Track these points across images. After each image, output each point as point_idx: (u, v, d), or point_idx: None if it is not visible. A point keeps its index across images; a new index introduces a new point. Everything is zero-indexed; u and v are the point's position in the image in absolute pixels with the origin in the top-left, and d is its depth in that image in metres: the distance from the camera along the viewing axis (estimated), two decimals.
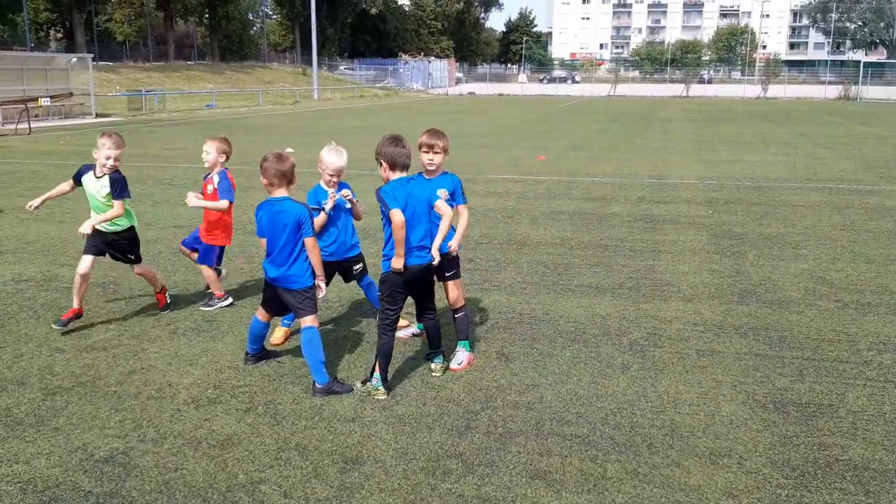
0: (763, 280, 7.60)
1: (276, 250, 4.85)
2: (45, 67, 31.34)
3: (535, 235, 9.61)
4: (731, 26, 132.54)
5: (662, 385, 5.03)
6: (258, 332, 5.24)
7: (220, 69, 62.89)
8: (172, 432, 4.33)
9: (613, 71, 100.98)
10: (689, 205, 11.85)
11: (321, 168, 5.53)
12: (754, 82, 75.25)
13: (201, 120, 32.71)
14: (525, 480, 3.87)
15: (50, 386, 4.94)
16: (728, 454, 4.14)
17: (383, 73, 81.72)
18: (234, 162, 19.04)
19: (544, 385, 5.03)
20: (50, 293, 7.00)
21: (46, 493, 3.72)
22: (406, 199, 4.74)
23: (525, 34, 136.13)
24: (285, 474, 3.90)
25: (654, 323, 6.29)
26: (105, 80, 43.43)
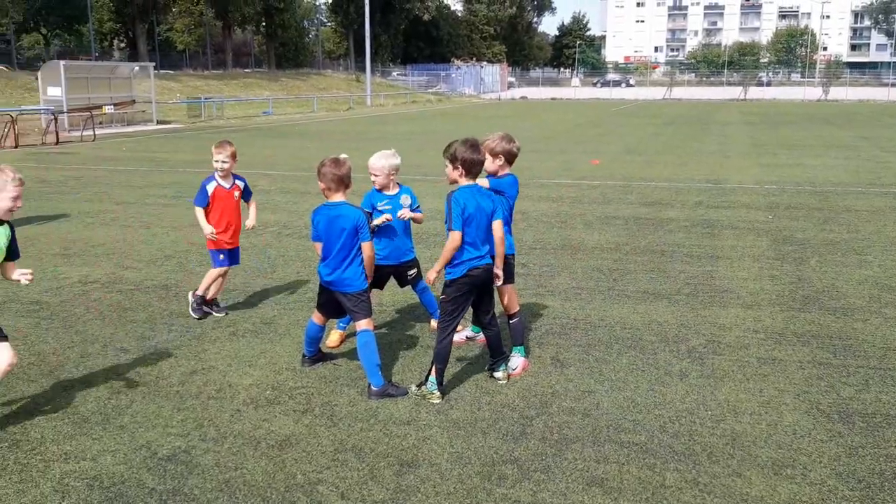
0: (826, 287, 7.40)
1: (332, 254, 4.91)
2: (108, 76, 32.29)
3: (589, 240, 9.53)
4: (791, 28, 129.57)
5: (722, 393, 4.94)
6: (314, 334, 5.31)
7: (276, 76, 64.01)
8: (232, 432, 4.41)
9: (668, 74, 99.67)
10: (749, 210, 11.61)
11: (371, 173, 5.60)
12: (814, 84, 73.42)
13: (258, 126, 33.32)
14: (582, 487, 3.83)
15: (115, 385, 5.08)
16: (791, 465, 4.04)
17: (435, 79, 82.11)
18: (289, 167, 19.44)
19: (600, 392, 4.98)
20: (115, 295, 7.20)
21: (112, 489, 3.82)
22: (475, 209, 4.75)
23: (578, 38, 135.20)
24: (342, 475, 3.94)
25: (713, 330, 6.17)
26: (166, 88, 44.59)
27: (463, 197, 4.74)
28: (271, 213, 11.51)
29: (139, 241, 9.55)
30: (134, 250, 9.00)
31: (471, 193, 4.78)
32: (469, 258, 4.77)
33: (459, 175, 4.84)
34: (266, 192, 13.74)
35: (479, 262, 4.81)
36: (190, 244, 9.26)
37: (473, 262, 4.78)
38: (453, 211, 4.70)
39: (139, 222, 10.79)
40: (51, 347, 5.79)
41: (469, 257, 4.77)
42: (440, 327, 4.91)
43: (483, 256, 4.82)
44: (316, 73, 72.91)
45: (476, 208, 4.75)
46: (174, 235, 9.84)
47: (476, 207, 4.75)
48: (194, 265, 8.30)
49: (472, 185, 4.83)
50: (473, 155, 4.81)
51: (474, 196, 4.78)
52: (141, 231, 10.16)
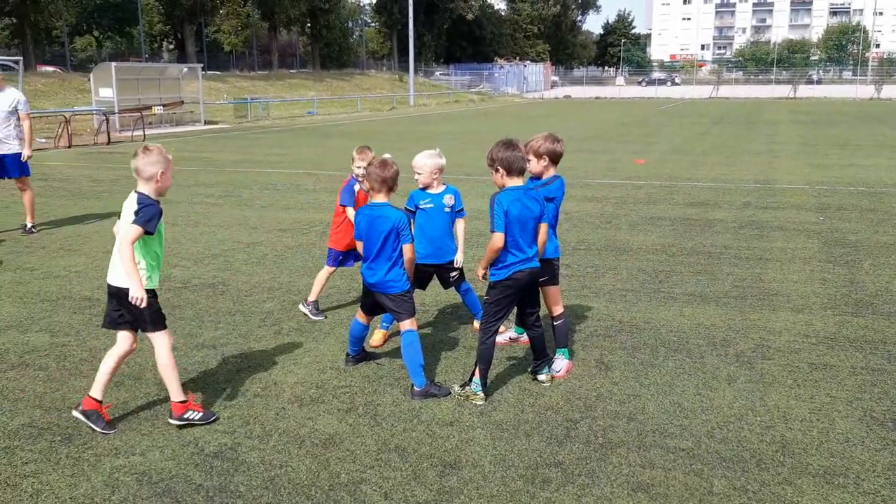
0: (880, 291, 7.20)
1: (373, 255, 4.92)
2: (158, 77, 32.91)
3: (634, 241, 9.42)
4: (842, 24, 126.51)
5: (772, 399, 4.83)
6: (358, 333, 5.34)
7: (321, 77, 64.59)
8: (277, 430, 4.45)
9: (715, 72, 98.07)
10: (799, 211, 11.36)
11: (415, 173, 5.62)
12: (867, 83, 71.55)
13: (302, 126, 33.66)
14: (627, 493, 3.78)
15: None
16: (844, 473, 3.93)
17: (478, 78, 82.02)
18: (333, 167, 19.57)
19: (646, 395, 4.91)
20: (163, 293, 7.27)
21: (160, 484, 3.89)
22: (520, 211, 4.71)
23: (623, 36, 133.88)
24: (385, 475, 3.95)
25: (763, 334, 6.04)
26: (213, 89, 45.31)
27: (507, 199, 4.70)
28: (315, 212, 11.62)
29: (187, 239, 9.71)
30: (182, 248, 9.15)
31: (516, 196, 4.74)
32: (514, 261, 4.74)
33: (502, 176, 4.80)
34: (311, 191, 13.88)
35: (525, 266, 4.77)
36: (237, 243, 9.39)
37: (519, 266, 4.75)
38: (496, 212, 4.67)
39: (187, 221, 10.97)
40: (102, 344, 5.90)
41: (514, 260, 4.74)
42: (482, 328, 4.89)
43: (529, 259, 4.78)
44: (360, 74, 73.39)
45: (520, 210, 4.71)
46: (221, 234, 9.99)
47: (520, 210, 4.71)
48: (241, 263, 8.41)
49: (518, 188, 4.78)
50: (507, 152, 4.75)
51: (519, 199, 4.73)
52: (189, 230, 10.32)
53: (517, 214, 4.69)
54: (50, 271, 8.10)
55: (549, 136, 5.39)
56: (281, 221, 10.83)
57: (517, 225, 4.71)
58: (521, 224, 4.72)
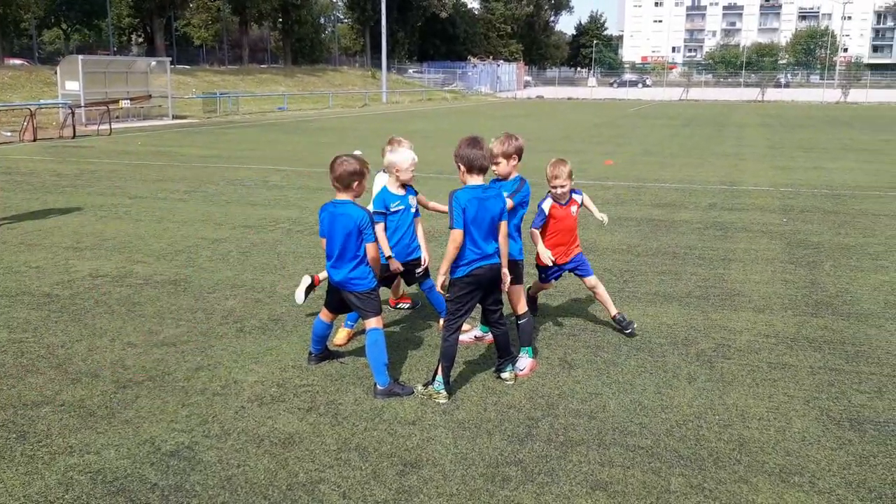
0: (840, 292, 7.31)
1: (337, 253, 4.89)
2: (126, 71, 32.47)
3: (601, 241, 9.46)
4: (811, 28, 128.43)
5: (731, 398, 4.88)
6: (321, 332, 5.29)
7: (292, 72, 64.12)
8: (236, 429, 4.40)
9: (686, 74, 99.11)
10: (763, 212, 11.51)
11: (394, 171, 5.57)
12: (834, 86, 72.74)
13: (272, 122, 33.41)
14: (585, 491, 3.79)
15: (121, 379, 5.08)
16: (800, 472, 3.98)
17: (451, 77, 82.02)
18: (303, 163, 19.43)
19: (607, 394, 4.93)
20: (125, 289, 7.22)
21: (115, 483, 3.82)
22: (477, 210, 4.70)
23: (595, 37, 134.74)
24: (345, 475, 3.92)
25: (724, 333, 6.11)
26: (182, 83, 44.76)
27: (464, 197, 4.69)
28: (283, 208, 11.53)
29: (151, 235, 9.57)
30: (145, 244, 9.03)
31: (474, 194, 4.73)
32: (474, 258, 4.73)
33: (462, 174, 4.82)
34: (279, 187, 13.77)
35: (484, 262, 4.76)
36: (201, 239, 9.29)
37: (478, 262, 4.74)
38: (454, 209, 4.66)
39: (151, 217, 10.82)
40: (59, 340, 5.81)
41: (474, 257, 4.73)
42: (445, 326, 4.87)
43: (489, 256, 4.78)
44: (332, 70, 72.95)
45: (478, 209, 4.71)
46: (185, 230, 9.86)
47: (478, 208, 4.71)
48: (204, 260, 8.31)
49: (477, 186, 4.77)
50: (469, 150, 4.76)
51: (477, 197, 4.72)
52: (153, 225, 10.18)
53: (474, 213, 4.68)
54: (10, 266, 7.94)
55: (508, 135, 5.37)
56: (247, 218, 10.73)
57: (476, 222, 4.70)
58: (479, 221, 4.71)
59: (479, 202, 4.71)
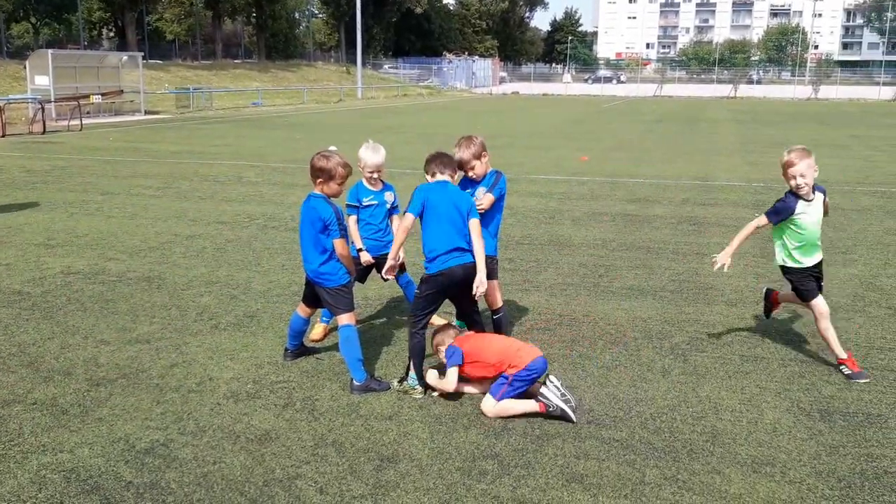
0: None
1: (307, 246, 4.89)
2: (97, 65, 32.04)
3: (576, 236, 9.52)
4: (782, 26, 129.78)
5: (704, 390, 4.94)
6: (298, 327, 5.28)
7: (267, 67, 63.68)
8: (212, 426, 4.38)
9: (660, 71, 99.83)
10: (735, 207, 11.64)
11: (360, 166, 5.56)
12: (805, 83, 73.62)
13: (247, 117, 33.16)
14: (561, 483, 3.82)
15: (95, 377, 5.04)
16: (771, 463, 4.04)
17: (427, 72, 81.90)
18: (277, 159, 19.28)
19: (583, 387, 4.97)
20: (97, 286, 7.14)
21: (89, 482, 3.79)
22: (440, 201, 4.74)
23: (570, 33, 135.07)
24: (322, 470, 3.92)
25: (697, 327, 6.18)
26: (154, 78, 44.29)
27: (428, 188, 4.85)
28: (258, 205, 11.46)
29: (123, 232, 9.48)
30: (118, 241, 8.93)
31: (439, 187, 4.85)
32: (445, 252, 4.72)
33: (432, 175, 4.98)
34: (253, 183, 13.68)
35: (459, 261, 4.75)
36: (175, 236, 9.21)
37: (454, 260, 4.73)
38: (414, 196, 4.79)
39: (124, 213, 10.71)
40: (31, 338, 5.74)
41: (445, 251, 4.72)
42: (411, 322, 4.87)
43: (464, 254, 4.78)
44: (307, 65, 72.50)
45: (443, 202, 4.75)
46: (159, 227, 9.77)
47: (443, 201, 4.75)
48: (178, 257, 8.25)
49: (445, 182, 4.90)
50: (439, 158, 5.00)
51: (443, 190, 4.82)
52: (125, 222, 10.08)
53: (438, 205, 4.74)
54: None
55: (467, 138, 5.38)
56: (221, 214, 10.65)
57: (444, 217, 4.71)
58: (447, 216, 4.72)
59: (446, 196, 4.80)
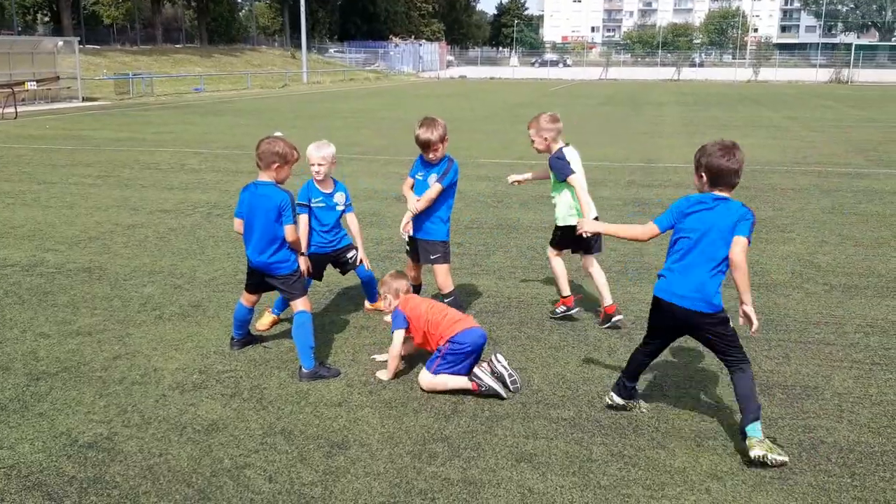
0: (750, 263, 7.56)
1: (256, 236, 4.82)
2: (31, 51, 31.01)
3: (524, 220, 9.59)
4: (723, 9, 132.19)
5: (649, 368, 5.02)
6: (242, 316, 5.21)
7: (209, 52, 62.36)
8: (157, 417, 4.31)
9: (605, 54, 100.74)
10: (679, 188, 11.84)
11: (308, 161, 5.54)
12: (745, 66, 75.16)
13: (189, 104, 32.47)
14: (511, 463, 3.86)
15: (34, 371, 4.90)
16: (713, 436, 4.15)
17: (373, 56, 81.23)
18: (221, 145, 18.95)
19: (531, 368, 5.03)
20: (35, 278, 6.94)
21: (30, 478, 3.69)
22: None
23: (516, 17, 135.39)
24: (270, 459, 3.89)
25: (642, 306, 6.27)
26: (92, 64, 43.04)
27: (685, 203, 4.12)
28: (201, 192, 11.26)
29: (62, 222, 9.22)
30: (56, 232, 8.69)
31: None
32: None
33: (703, 184, 4.12)
34: (196, 171, 13.43)
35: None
36: (116, 225, 8.99)
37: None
38: (668, 212, 4.18)
39: (62, 203, 10.41)
40: None
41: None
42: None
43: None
44: (250, 50, 71.19)
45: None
46: (99, 216, 9.53)
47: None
48: (119, 247, 8.06)
49: (723, 197, 4.10)
50: (720, 160, 4.10)
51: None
52: (64, 212, 9.80)
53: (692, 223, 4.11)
54: None
55: (430, 120, 5.39)
56: (164, 202, 10.43)
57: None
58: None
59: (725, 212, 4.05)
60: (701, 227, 3.99)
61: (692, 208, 4.04)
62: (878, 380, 4.89)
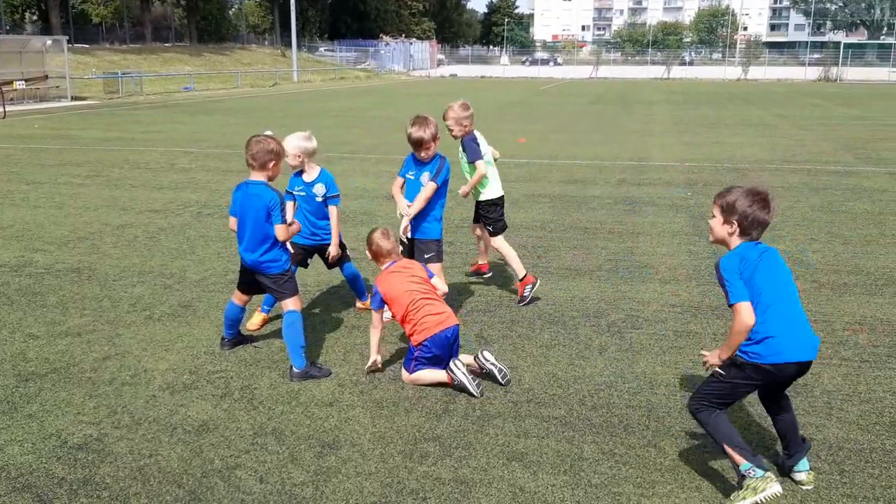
0: None
1: (248, 235, 4.81)
2: (19, 50, 30.83)
3: (515, 218, 9.58)
4: (713, 8, 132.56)
5: (640, 366, 5.05)
6: (234, 315, 5.20)
7: (198, 51, 62.13)
8: (147, 418, 4.29)
9: (595, 53, 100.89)
10: (669, 187, 11.88)
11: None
12: (735, 64, 75.41)
13: (179, 103, 32.35)
14: (502, 462, 3.87)
15: (23, 372, 4.88)
16: (704, 434, 4.14)
17: (364, 55, 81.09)
18: (211, 144, 18.88)
19: (522, 367, 5.03)
20: (24, 279, 6.91)
21: (19, 479, 3.67)
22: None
23: (507, 16, 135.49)
24: (261, 459, 3.88)
25: (632, 304, 6.30)
26: (81, 63, 42.81)
27: (737, 257, 3.77)
28: (192, 191, 11.22)
29: (50, 222, 9.17)
30: (45, 232, 8.65)
31: (748, 251, 3.86)
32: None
33: (730, 232, 3.76)
34: (186, 170, 13.38)
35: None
36: (105, 225, 8.95)
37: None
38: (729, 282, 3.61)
39: (51, 203, 10.36)
40: None
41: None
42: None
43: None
44: (240, 48, 70.96)
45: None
46: (88, 216, 9.48)
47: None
48: (109, 247, 8.02)
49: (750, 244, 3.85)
50: (754, 208, 3.71)
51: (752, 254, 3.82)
52: (53, 212, 9.75)
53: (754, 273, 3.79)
54: None
55: (423, 118, 5.40)
56: (153, 202, 10.39)
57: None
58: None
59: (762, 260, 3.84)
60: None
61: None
62: (866, 377, 4.92)
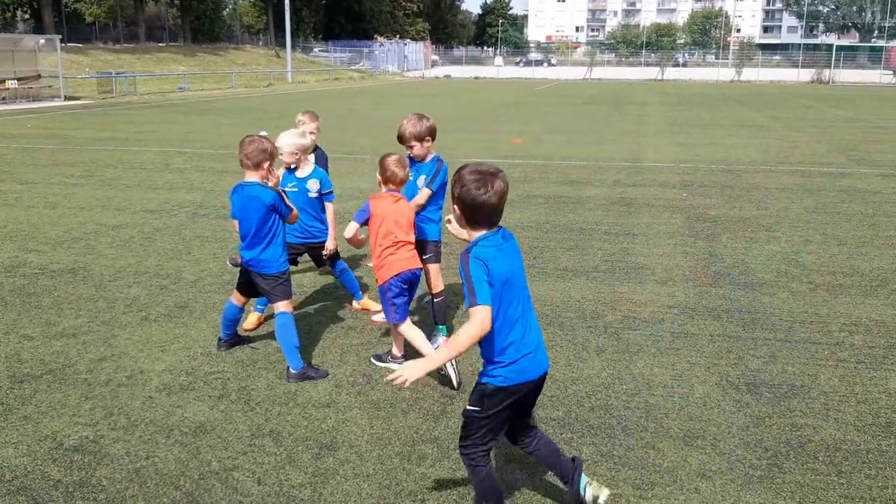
0: (736, 262, 7.65)
1: (250, 234, 4.80)
2: (11, 49, 30.70)
3: (510, 219, 9.58)
4: (706, 9, 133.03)
5: (637, 367, 5.05)
6: (232, 316, 5.18)
7: (192, 51, 62.00)
8: (144, 420, 4.27)
9: (589, 54, 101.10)
10: (664, 188, 11.90)
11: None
12: (728, 66, 75.62)
13: (172, 102, 32.27)
14: (499, 464, 3.86)
15: (18, 374, 4.85)
16: (702, 435, 4.16)
17: (358, 56, 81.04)
18: (205, 144, 18.88)
19: None
20: (18, 279, 6.87)
21: (14, 482, 3.65)
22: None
23: (501, 17, 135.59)
24: (259, 461, 3.86)
25: (629, 306, 6.31)
26: (74, 63, 42.66)
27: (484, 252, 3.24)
28: (187, 192, 11.18)
29: (45, 222, 9.13)
30: (39, 232, 8.60)
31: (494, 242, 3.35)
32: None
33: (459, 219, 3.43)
34: (181, 170, 13.34)
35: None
36: (100, 225, 8.91)
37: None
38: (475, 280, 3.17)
39: (45, 203, 10.31)
40: None
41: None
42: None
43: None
44: (234, 48, 70.84)
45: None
46: (82, 216, 9.44)
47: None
48: (104, 247, 7.99)
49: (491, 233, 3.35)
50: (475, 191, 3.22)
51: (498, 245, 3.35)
52: (47, 212, 9.71)
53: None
54: None
55: (418, 116, 5.36)
56: (148, 202, 10.35)
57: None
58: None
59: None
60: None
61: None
62: (862, 378, 4.93)
